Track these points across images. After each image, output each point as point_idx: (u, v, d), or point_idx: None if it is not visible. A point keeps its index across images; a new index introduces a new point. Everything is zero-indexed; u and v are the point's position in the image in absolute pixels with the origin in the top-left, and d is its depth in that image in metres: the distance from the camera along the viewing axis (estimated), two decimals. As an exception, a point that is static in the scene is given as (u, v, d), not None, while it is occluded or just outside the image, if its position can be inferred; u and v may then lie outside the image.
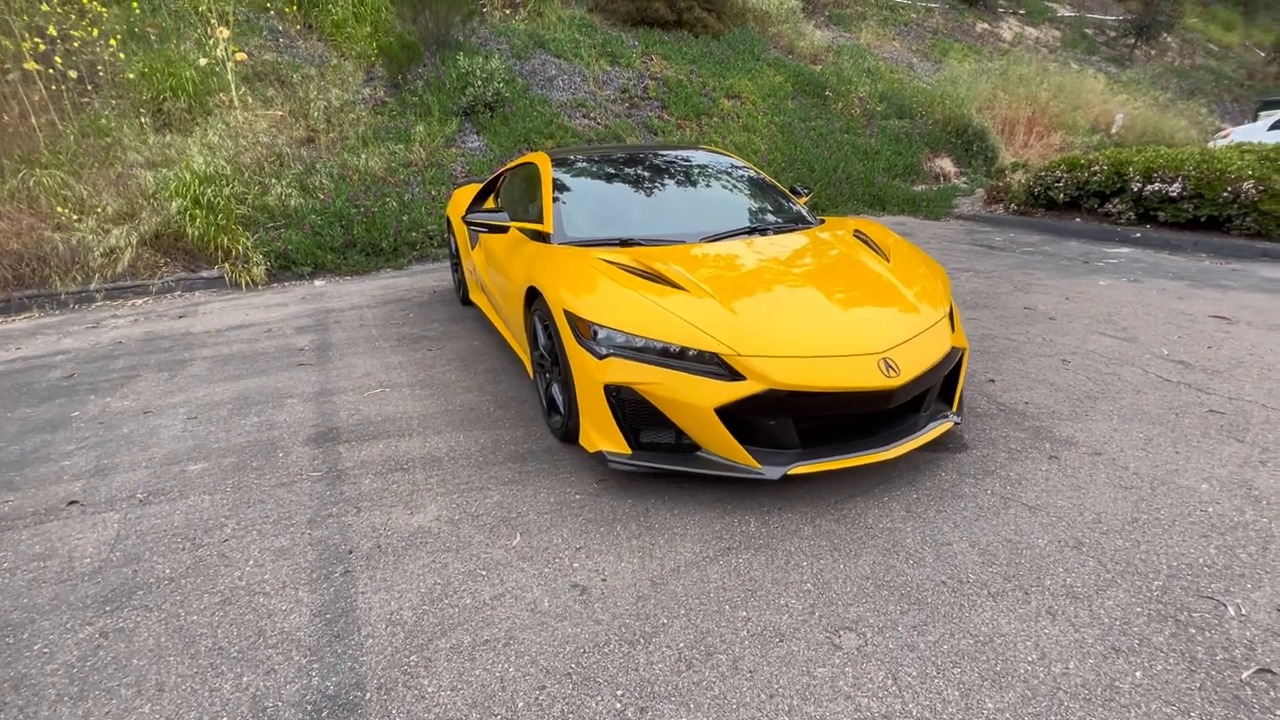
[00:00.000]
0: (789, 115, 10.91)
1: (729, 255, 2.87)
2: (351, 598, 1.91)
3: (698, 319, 2.29)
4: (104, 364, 4.17)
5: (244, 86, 7.55)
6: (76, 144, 6.29)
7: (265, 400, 3.45)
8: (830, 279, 2.69)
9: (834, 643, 1.68)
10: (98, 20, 7.11)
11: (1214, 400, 3.05)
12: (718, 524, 2.21)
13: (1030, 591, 1.84)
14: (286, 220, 6.61)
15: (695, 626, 1.75)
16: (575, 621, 1.78)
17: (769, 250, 2.94)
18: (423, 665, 1.65)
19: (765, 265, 2.79)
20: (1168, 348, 3.76)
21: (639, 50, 11.16)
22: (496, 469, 2.64)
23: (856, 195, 9.65)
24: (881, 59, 13.82)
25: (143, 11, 7.58)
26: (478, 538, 2.18)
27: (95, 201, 5.99)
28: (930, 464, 2.56)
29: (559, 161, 3.62)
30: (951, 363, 2.55)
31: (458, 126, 8.31)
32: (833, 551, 2.05)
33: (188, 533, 2.27)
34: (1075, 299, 4.86)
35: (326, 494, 2.49)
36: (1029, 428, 2.84)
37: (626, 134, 9.32)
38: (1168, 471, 2.44)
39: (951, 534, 2.11)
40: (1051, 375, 3.43)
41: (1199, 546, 2.00)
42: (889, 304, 2.54)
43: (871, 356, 2.24)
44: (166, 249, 6.19)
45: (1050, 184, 7.83)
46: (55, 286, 5.64)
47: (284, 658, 1.69)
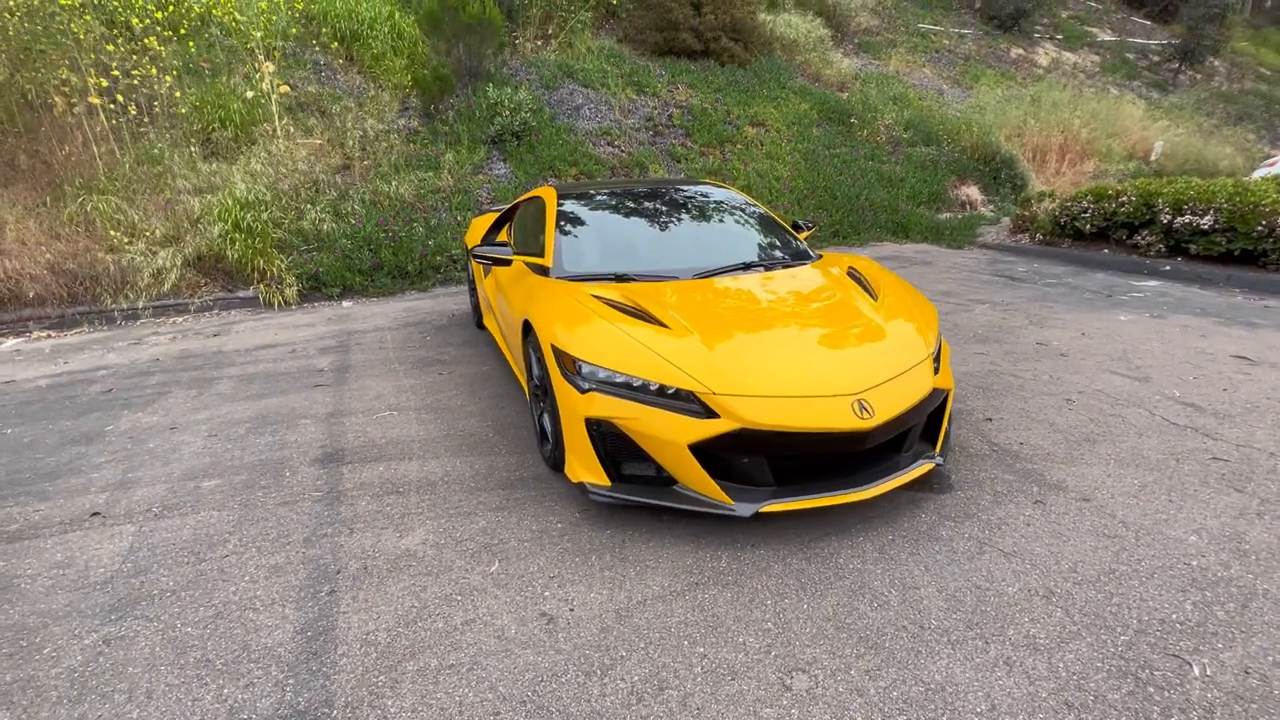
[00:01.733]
0: (813, 142, 10.98)
1: (718, 292, 2.95)
2: (333, 617, 2.02)
3: (677, 357, 2.37)
4: (140, 380, 4.45)
5: (287, 117, 8.00)
6: (131, 171, 6.76)
7: (281, 420, 3.64)
8: (814, 318, 2.74)
9: (785, 683, 1.71)
10: (156, 58, 7.65)
11: (1220, 447, 2.97)
12: (690, 558, 2.26)
13: (991, 640, 1.84)
14: (319, 244, 6.95)
15: (652, 660, 1.80)
16: (538, 650, 1.85)
17: (758, 287, 3.01)
18: (389, 686, 1.74)
19: (751, 303, 2.86)
20: (1180, 389, 3.67)
21: (665, 79, 11.40)
22: (487, 495, 2.74)
23: (880, 223, 9.62)
24: (910, 86, 13.80)
25: (198, 49, 8.12)
26: (459, 563, 2.28)
27: (145, 225, 6.41)
28: (911, 505, 2.56)
29: (564, 196, 3.77)
30: (934, 404, 2.56)
31: (485, 154, 8.62)
32: (799, 591, 2.08)
33: (194, 547, 2.42)
34: (1092, 335, 4.76)
35: (324, 514, 2.63)
36: (1020, 470, 2.82)
37: (650, 162, 9.52)
38: (1156, 521, 2.40)
39: (921, 578, 2.12)
40: (1053, 415, 3.38)
41: (1175, 601, 1.97)
42: (869, 344, 2.58)
43: (846, 398, 2.28)
44: (207, 270, 6.57)
45: (1077, 214, 7.69)
46: (106, 304, 6.04)
47: (264, 672, 1.80)
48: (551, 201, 3.69)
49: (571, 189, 3.93)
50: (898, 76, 14.13)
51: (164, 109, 7.45)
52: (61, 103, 6.78)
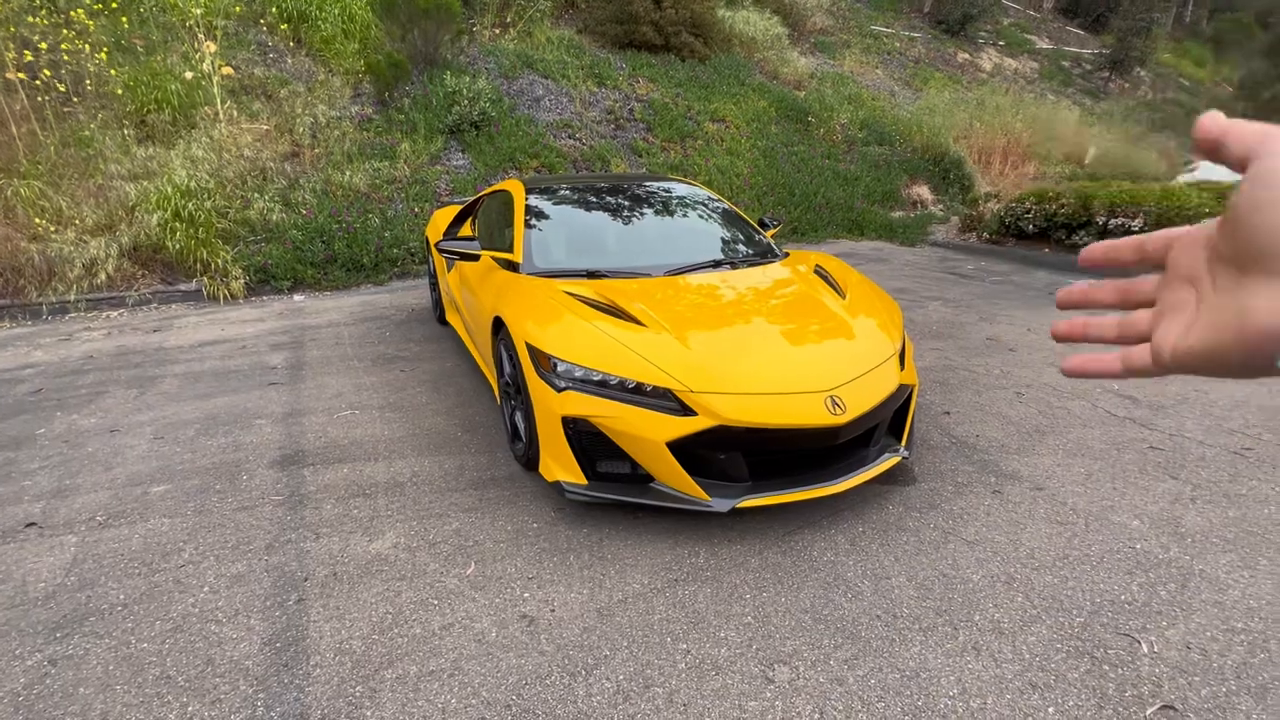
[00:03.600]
0: (772, 140, 11.13)
1: (690, 289, 2.96)
2: (303, 626, 1.95)
3: (654, 355, 2.37)
4: (73, 379, 4.17)
5: (230, 100, 7.59)
6: (56, 154, 6.29)
7: (233, 420, 3.47)
8: (785, 315, 2.79)
9: (768, 676, 1.75)
10: (84, 33, 7.14)
11: (1155, 436, 3.18)
12: (668, 555, 2.27)
13: (959, 626, 1.92)
14: (268, 235, 6.64)
15: (636, 658, 1.81)
16: (520, 653, 1.84)
17: (729, 285, 3.04)
18: (367, 696, 1.69)
19: (723, 300, 2.88)
20: (1119, 382, 3.90)
21: (626, 73, 11.35)
22: (458, 495, 2.69)
23: (836, 220, 9.85)
24: (864, 86, 14.15)
25: (131, 24, 7.62)
26: (433, 566, 2.23)
27: (74, 213, 5.98)
28: (879, 497, 2.64)
29: (533, 190, 3.71)
30: (900, 399, 2.65)
31: (443, 145, 8.40)
32: (776, 584, 2.12)
33: (145, 557, 2.29)
34: (1037, 330, 5.01)
35: (287, 519, 2.53)
36: (977, 461, 2.95)
37: (611, 156, 9.47)
38: (1103, 508, 2.55)
39: (892, 567, 2.20)
40: (1005, 408, 3.54)
41: (1123, 583, 2.10)
42: (839, 341, 2.64)
43: (818, 394, 2.33)
44: (144, 261, 6.19)
45: (1020, 215, 8.06)
46: (30, 297, 5.62)
47: (231, 687, 1.72)
48: (520, 195, 3.63)
49: (539, 183, 3.88)
50: (852, 77, 14.46)
51: (95, 88, 6.96)
52: (-25, 78, 6.25)
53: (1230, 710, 1.62)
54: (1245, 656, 1.79)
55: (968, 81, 16.39)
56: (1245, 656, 1.79)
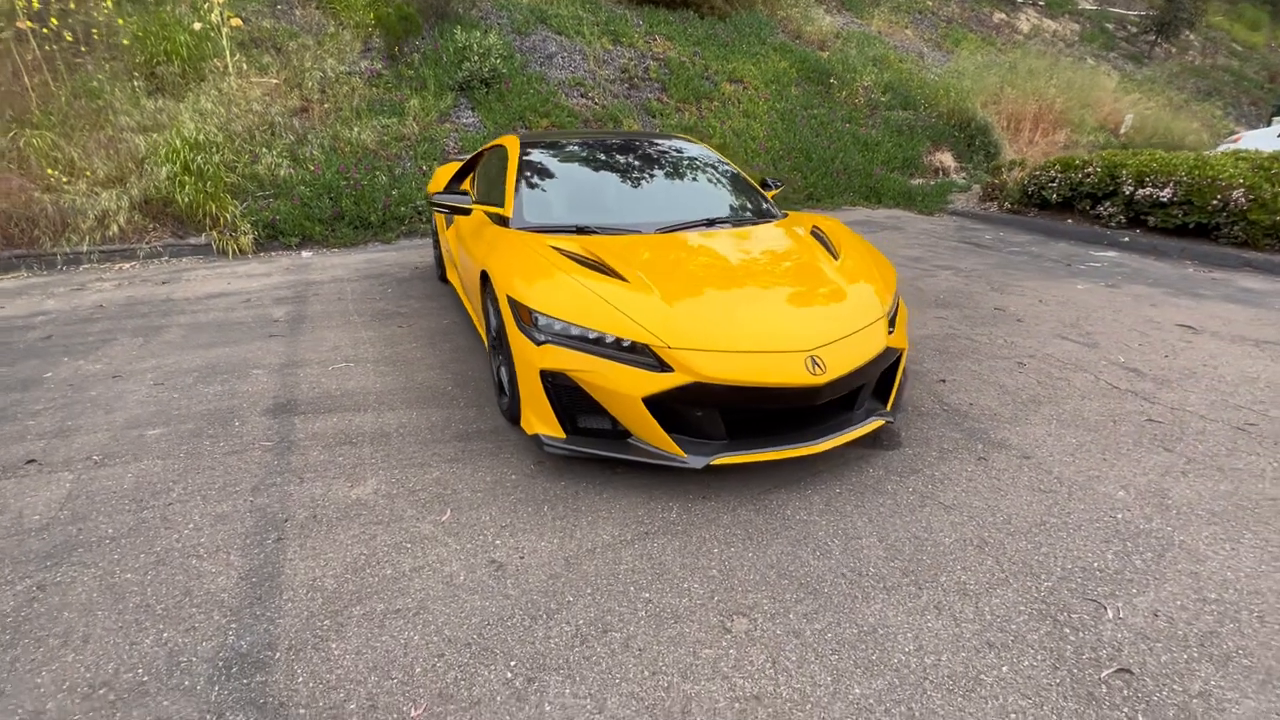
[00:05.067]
0: (791, 102, 10.81)
1: (679, 247, 2.92)
2: (279, 563, 2.00)
3: (634, 310, 2.35)
4: (82, 326, 4.27)
5: (239, 53, 7.54)
6: (68, 105, 6.33)
7: (232, 370, 3.53)
8: (773, 275, 2.74)
9: (725, 626, 1.77)
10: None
11: (1156, 409, 3.10)
12: (641, 509, 2.29)
13: (924, 586, 1.92)
14: (276, 190, 6.66)
15: (598, 605, 1.84)
16: (486, 595, 1.87)
17: (719, 244, 2.99)
18: (334, 630, 1.75)
19: (712, 259, 2.84)
20: (1125, 355, 3.80)
21: (643, 30, 11.03)
22: (442, 446, 2.72)
23: (853, 186, 9.60)
24: (891, 47, 13.61)
25: (140, -27, 7.54)
26: (410, 512, 2.27)
27: (85, 164, 6.04)
28: (861, 460, 2.62)
29: (529, 145, 3.65)
30: (887, 362, 2.60)
31: (453, 102, 8.29)
32: (745, 540, 2.13)
33: (136, 495, 2.37)
34: (1048, 302, 4.88)
35: (274, 464, 2.58)
36: (967, 429, 2.90)
37: (624, 116, 9.27)
38: (1089, 478, 2.51)
39: (864, 528, 2.19)
40: (1004, 378, 3.48)
41: (1097, 551, 2.07)
42: (826, 303, 2.59)
43: (799, 354, 2.29)
44: (156, 214, 6.26)
45: (1044, 183, 7.77)
46: (45, 247, 5.73)
47: (205, 617, 1.79)
48: (515, 150, 3.58)
49: (537, 138, 3.81)
50: (880, 37, 13.92)
51: (104, 38, 6.95)
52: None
53: (1189, 676, 1.60)
54: (1213, 626, 1.76)
55: (1003, 44, 15.68)
56: (1213, 626, 1.76)
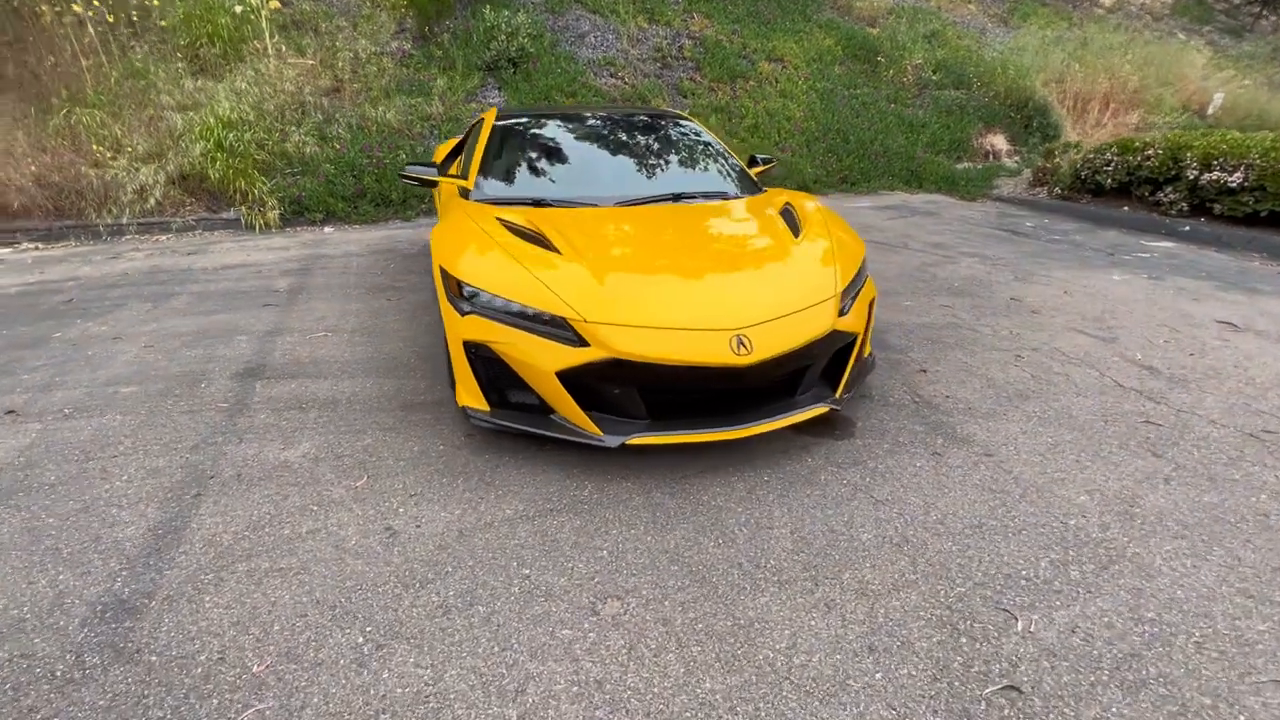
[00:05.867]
0: (833, 81, 10.36)
1: (631, 221, 2.82)
2: (189, 518, 2.06)
3: (557, 283, 2.28)
4: (104, 292, 4.54)
5: (278, 35, 7.81)
6: (118, 86, 6.73)
7: (220, 335, 3.68)
8: (720, 251, 2.61)
9: (595, 609, 1.70)
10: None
11: (1159, 411, 2.80)
12: (555, 486, 2.24)
13: (821, 583, 1.79)
14: (303, 167, 6.89)
15: (474, 578, 1.81)
16: (369, 561, 1.87)
17: (676, 219, 2.87)
18: (213, 584, 1.78)
19: (662, 233, 2.73)
20: (1145, 351, 3.45)
21: (681, 7, 10.79)
22: (384, 415, 2.75)
23: (893, 170, 9.13)
24: (950, 23, 12.83)
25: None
26: (329, 476, 2.30)
27: (128, 141, 6.42)
28: (803, 448, 2.48)
29: (504, 117, 3.62)
30: (835, 345, 2.44)
31: (480, 81, 8.34)
32: (650, 523, 2.04)
33: (87, 447, 2.49)
34: (1075, 293, 4.49)
35: (222, 424, 2.67)
36: (932, 422, 2.70)
37: (654, 95, 9.11)
38: (1052, 480, 2.28)
39: (780, 519, 2.07)
40: (995, 371, 3.22)
41: (1031, 558, 1.88)
42: (769, 282, 2.45)
43: (724, 332, 2.17)
44: (192, 189, 6.59)
45: (1098, 167, 7.16)
46: (90, 219, 6.14)
47: (103, 563, 1.86)
48: (488, 123, 3.55)
49: (516, 111, 3.77)
50: (938, 12, 13.13)
51: (154, 22, 7.34)
52: (48, 11, 6.72)
53: (1087, 701, 1.43)
54: (1138, 648, 1.57)
55: (1078, 17, 14.51)
56: (1138, 648, 1.57)
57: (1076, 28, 13.44)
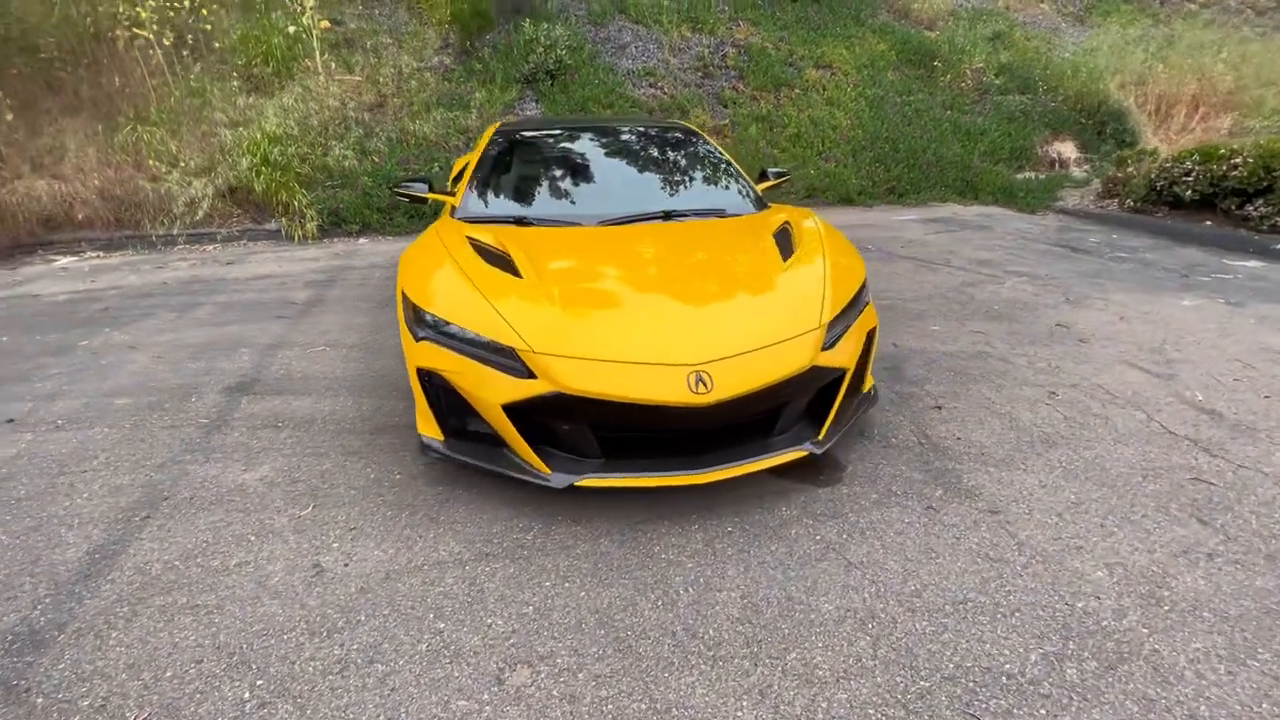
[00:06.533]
0: (885, 88, 9.90)
1: (610, 242, 2.66)
2: (129, 543, 2.04)
3: (510, 310, 2.15)
4: (138, 301, 4.75)
5: (328, 53, 8.12)
6: (177, 104, 7.13)
7: (226, 348, 3.75)
8: (695, 277, 2.41)
9: (500, 676, 1.54)
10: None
11: (1214, 466, 2.40)
12: (500, 526, 2.10)
13: (761, 662, 1.57)
14: (342, 180, 7.09)
15: (383, 630, 1.68)
16: (285, 602, 1.78)
17: (659, 239, 2.69)
18: (125, 618, 1.73)
19: (636, 256, 2.56)
20: (1207, 392, 3.01)
21: (727, 15, 10.58)
22: (351, 437, 2.69)
23: (946, 180, 8.61)
24: (1019, 23, 12.08)
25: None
26: (278, 503, 2.24)
27: (183, 156, 6.78)
28: (779, 495, 2.25)
29: (503, 132, 3.54)
30: (818, 382, 2.20)
31: (518, 94, 8.40)
32: (588, 576, 1.87)
33: (65, 460, 2.54)
34: (1133, 319, 4.02)
35: (196, 441, 2.67)
36: (935, 469, 2.41)
37: (692, 105, 8.94)
38: (1065, 548, 1.96)
39: (733, 579, 1.85)
40: (1021, 410, 2.87)
41: (1020, 650, 1.59)
42: (741, 311, 2.24)
43: (682, 368, 1.98)
44: (239, 201, 6.89)
45: (1176, 177, 6.48)
46: (146, 229, 6.50)
47: (32, 589, 1.84)
48: (486, 138, 3.48)
49: (517, 125, 3.70)
50: (1005, 12, 12.39)
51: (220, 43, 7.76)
52: (123, 36, 7.20)
53: None
54: (1137, 782, 1.27)
55: (1166, 14, 13.38)
56: (1137, 782, 1.27)
57: (1163, 25, 12.38)
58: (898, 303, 4.40)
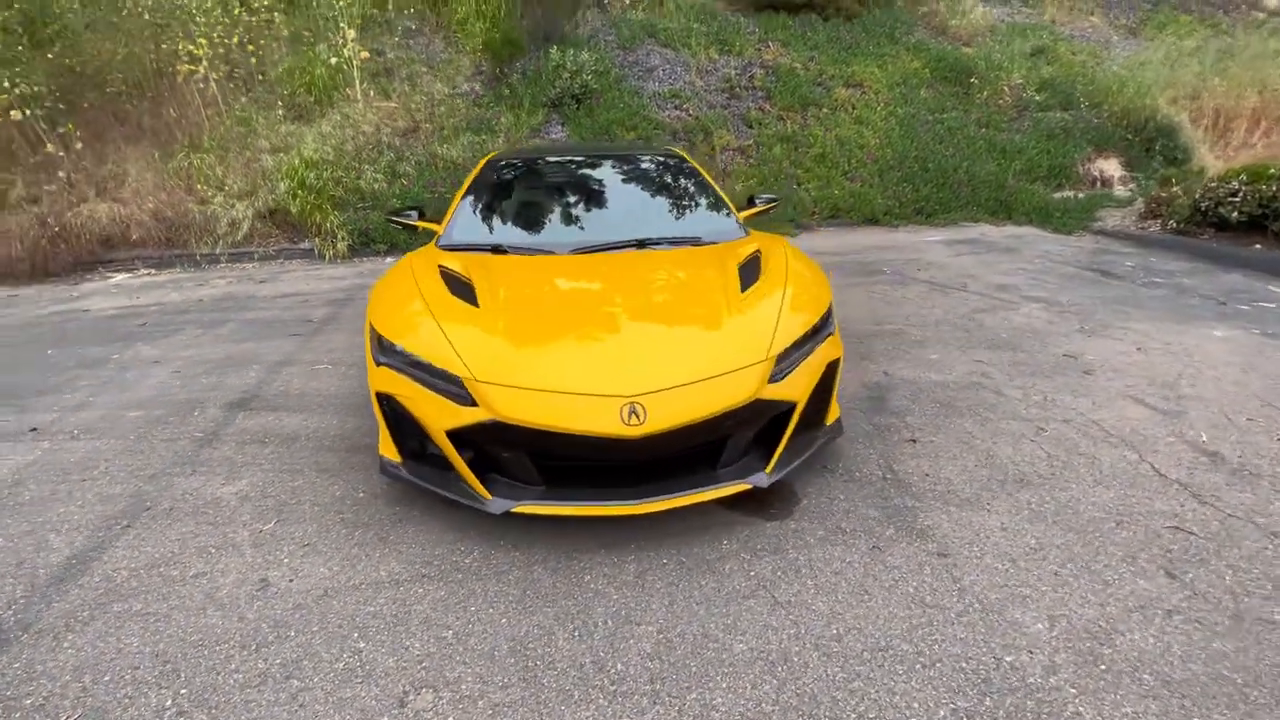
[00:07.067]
0: (917, 106, 9.72)
1: (571, 271, 2.72)
2: (105, 550, 2.19)
3: (460, 338, 2.23)
4: (174, 317, 5.10)
5: (367, 82, 8.56)
6: (226, 132, 7.64)
7: (239, 363, 3.98)
8: (646, 306, 2.43)
9: (404, 700, 1.59)
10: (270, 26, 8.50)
11: (1201, 515, 2.26)
12: (443, 548, 2.16)
13: (660, 700, 1.56)
14: (373, 202, 7.44)
15: (306, 646, 1.76)
16: (226, 614, 1.88)
17: (619, 269, 2.73)
18: (84, 622, 1.86)
19: (595, 285, 2.60)
20: (1214, 432, 2.83)
21: (756, 36, 10.63)
22: (330, 455, 2.81)
23: (978, 200, 8.36)
24: (1065, 37, 11.67)
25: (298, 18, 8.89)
26: (245, 517, 2.36)
27: (229, 180, 7.25)
28: (725, 527, 2.23)
29: (492, 162, 3.67)
30: (763, 415, 2.19)
31: (544, 118, 8.64)
32: (514, 603, 1.90)
33: (70, 469, 2.74)
34: (1151, 351, 3.81)
35: (187, 454, 2.85)
36: (893, 507, 2.34)
37: (716, 126, 8.98)
38: (1009, 597, 1.88)
39: (655, 614, 1.85)
40: (1002, 446, 2.77)
41: (931, 703, 1.54)
42: (687, 342, 2.25)
43: (616, 399, 2.00)
44: (278, 222, 7.31)
45: (1222, 198, 6.11)
46: (193, 249, 6.97)
47: (11, 589, 2.01)
48: (478, 167, 3.61)
49: (509, 154, 3.82)
50: (1050, 26, 12.01)
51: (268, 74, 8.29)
52: (185, 71, 7.79)
53: None
54: None
55: (1229, 24, 12.68)
56: None
57: (1225, 35, 11.73)
58: (900, 329, 4.30)
